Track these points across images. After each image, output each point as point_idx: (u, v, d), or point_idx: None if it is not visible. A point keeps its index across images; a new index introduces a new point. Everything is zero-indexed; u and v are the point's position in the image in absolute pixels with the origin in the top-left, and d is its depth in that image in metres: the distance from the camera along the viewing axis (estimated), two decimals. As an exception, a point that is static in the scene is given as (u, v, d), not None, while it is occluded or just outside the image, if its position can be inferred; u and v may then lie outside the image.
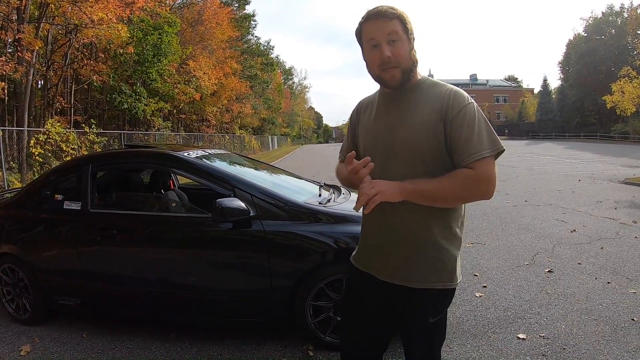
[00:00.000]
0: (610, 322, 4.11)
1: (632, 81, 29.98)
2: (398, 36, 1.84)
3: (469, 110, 1.83)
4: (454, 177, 1.79)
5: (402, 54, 1.86)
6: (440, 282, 1.95)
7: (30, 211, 4.39)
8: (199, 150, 4.54)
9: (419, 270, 1.93)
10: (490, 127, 1.85)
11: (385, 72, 1.88)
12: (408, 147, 1.87)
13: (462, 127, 1.81)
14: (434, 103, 1.87)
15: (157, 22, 23.22)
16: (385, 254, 2.00)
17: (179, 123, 33.00)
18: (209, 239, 3.79)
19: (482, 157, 1.78)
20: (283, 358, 3.61)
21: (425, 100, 1.90)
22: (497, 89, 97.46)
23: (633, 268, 5.63)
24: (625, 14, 60.49)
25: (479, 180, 1.79)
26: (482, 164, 1.78)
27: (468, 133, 1.80)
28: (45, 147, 15.16)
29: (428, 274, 1.93)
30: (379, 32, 1.85)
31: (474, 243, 7.01)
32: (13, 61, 15.11)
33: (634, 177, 15.28)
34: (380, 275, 2.02)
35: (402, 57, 1.86)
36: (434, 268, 1.94)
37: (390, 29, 1.83)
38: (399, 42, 1.85)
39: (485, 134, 1.82)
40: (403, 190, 1.78)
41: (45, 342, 3.98)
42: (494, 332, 3.98)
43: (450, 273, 1.97)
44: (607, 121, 59.31)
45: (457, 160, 1.82)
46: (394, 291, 1.99)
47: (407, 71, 1.89)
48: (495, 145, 1.82)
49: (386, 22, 1.84)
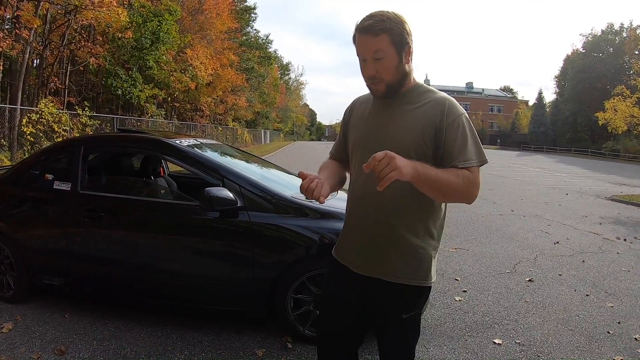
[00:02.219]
0: (586, 334, 4.19)
1: (626, 100, 30.24)
2: (384, 53, 1.86)
3: (462, 121, 1.89)
4: (458, 174, 1.83)
5: (387, 70, 1.89)
6: (415, 279, 1.99)
7: (20, 189, 4.40)
8: (191, 139, 4.57)
9: (395, 266, 1.98)
10: (478, 140, 1.93)
11: (372, 84, 1.95)
12: (396, 146, 1.88)
13: (457, 135, 1.87)
14: (428, 109, 1.92)
15: (157, 8, 23.13)
16: (364, 248, 2.04)
17: (173, 111, 32.89)
18: (196, 227, 3.82)
19: (472, 165, 1.86)
20: (262, 348, 3.64)
21: (419, 105, 1.94)
22: (492, 98, 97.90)
23: (613, 283, 5.72)
24: (624, 33, 60.96)
25: (475, 184, 1.86)
26: (474, 170, 1.86)
27: (462, 141, 1.87)
28: (37, 127, 15.06)
29: (404, 270, 1.98)
30: (365, 49, 1.88)
31: (457, 248, 7.08)
32: (10, 38, 15.01)
33: (621, 195, 15.46)
34: (357, 268, 2.06)
35: (386, 73, 1.90)
36: (410, 265, 1.98)
37: (375, 46, 1.85)
38: (385, 59, 1.87)
39: (475, 145, 1.89)
40: (415, 172, 1.74)
41: (27, 321, 3.99)
42: (471, 336, 4.04)
43: (426, 271, 2.01)
44: (598, 138, 59.71)
45: (447, 165, 1.87)
46: (370, 285, 2.04)
47: (393, 84, 1.93)
48: (482, 156, 1.91)
49: (372, 39, 1.85)
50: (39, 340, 3.65)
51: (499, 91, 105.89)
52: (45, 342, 3.62)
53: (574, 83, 64.02)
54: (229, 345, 3.69)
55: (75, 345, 3.59)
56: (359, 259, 2.06)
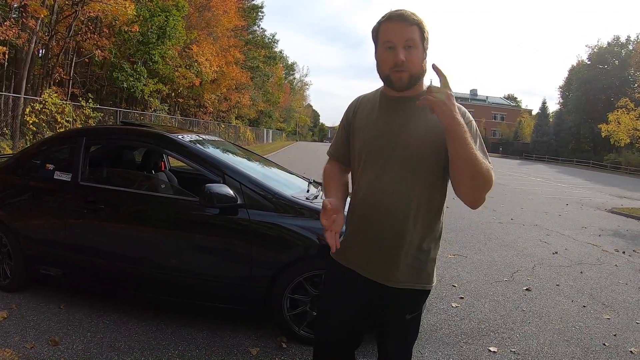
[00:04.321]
0: (582, 345, 4.18)
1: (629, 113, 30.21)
2: (414, 43, 1.87)
3: (473, 125, 1.92)
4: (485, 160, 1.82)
5: (415, 60, 1.89)
6: (420, 283, 2.02)
7: (20, 178, 4.39)
8: (193, 135, 4.56)
9: (401, 271, 1.98)
10: (484, 147, 1.93)
11: (395, 73, 1.90)
12: (410, 151, 1.91)
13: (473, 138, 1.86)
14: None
15: (165, 4, 23.13)
16: (370, 252, 2.03)
17: (176, 106, 32.92)
18: (195, 223, 3.81)
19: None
20: (256, 347, 3.63)
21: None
22: (495, 106, 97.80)
23: (610, 295, 5.70)
24: (630, 46, 60.96)
25: (492, 179, 1.83)
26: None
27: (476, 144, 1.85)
28: (40, 117, 15.10)
29: (410, 275, 1.99)
30: (397, 35, 1.88)
31: (456, 255, 7.07)
32: (17, 27, 15.01)
33: (622, 207, 15.46)
34: (364, 272, 2.05)
35: (413, 64, 1.89)
36: (416, 270, 2.00)
37: (409, 34, 1.86)
38: (414, 48, 1.88)
39: (482, 151, 1.87)
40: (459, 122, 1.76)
41: (23, 310, 3.99)
42: (466, 343, 4.03)
43: (430, 275, 2.04)
44: (601, 150, 59.70)
45: None
46: (373, 288, 2.03)
47: (415, 77, 1.93)
48: (488, 159, 1.89)
49: (407, 26, 1.87)
50: (33, 330, 3.64)
51: (503, 99, 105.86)
52: (39, 332, 3.62)
53: (578, 94, 64.13)
54: (223, 343, 3.68)
55: (69, 337, 3.58)
56: (368, 263, 2.04)
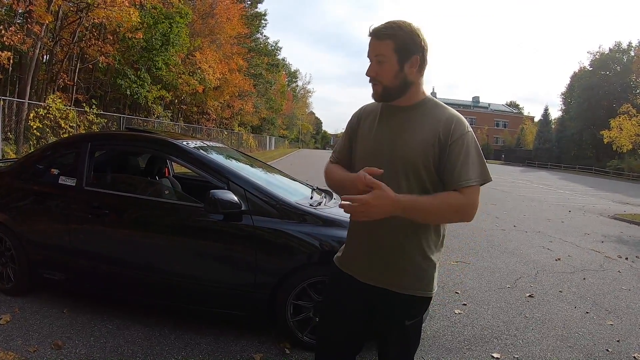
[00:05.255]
0: (585, 351, 4.18)
1: (632, 119, 30.21)
2: (384, 58, 1.93)
3: (467, 139, 1.92)
4: (447, 199, 1.87)
5: (384, 74, 1.95)
6: (421, 290, 2.03)
7: (25, 182, 4.41)
8: (198, 141, 4.58)
9: (402, 278, 2.00)
10: (483, 158, 1.96)
11: (373, 85, 2.01)
12: (405, 161, 1.95)
13: (460, 154, 1.89)
14: (435, 125, 1.94)
15: (169, 11, 23.24)
16: (370, 259, 2.05)
17: (179, 113, 32.95)
18: (199, 229, 3.83)
19: (472, 184, 1.88)
20: (260, 353, 3.64)
21: (426, 120, 1.97)
22: (498, 113, 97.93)
23: (613, 301, 5.70)
24: (632, 52, 60.98)
25: (467, 205, 1.88)
26: (471, 190, 1.88)
27: (464, 160, 1.89)
28: (44, 122, 15.13)
29: (410, 281, 2.00)
30: (370, 51, 1.97)
31: (458, 262, 7.07)
32: (22, 32, 15.10)
33: (624, 213, 15.44)
34: (364, 278, 2.07)
35: (383, 77, 1.95)
36: (417, 276, 2.01)
37: (378, 50, 1.94)
38: (385, 63, 1.94)
39: (478, 164, 1.92)
40: (396, 208, 1.81)
41: (26, 314, 3.99)
42: (469, 349, 4.03)
43: (430, 282, 2.04)
44: (603, 156, 59.59)
45: (448, 182, 1.91)
46: (374, 294, 2.05)
47: (390, 89, 1.98)
48: (484, 176, 1.93)
49: (377, 42, 1.94)
50: (36, 334, 3.65)
51: (505, 106, 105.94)
52: (42, 336, 3.62)
53: (580, 100, 64.13)
54: (227, 349, 3.68)
55: (72, 341, 3.59)
56: (368, 269, 2.07)
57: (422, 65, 1.98)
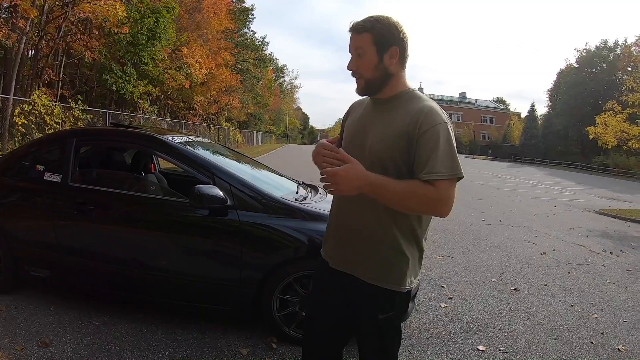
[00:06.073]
0: (569, 343, 4.23)
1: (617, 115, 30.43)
2: (363, 51, 1.97)
3: (436, 131, 1.86)
4: (415, 187, 1.84)
5: (364, 67, 1.98)
6: (388, 283, 1.99)
7: (10, 179, 4.37)
8: (184, 137, 4.58)
9: (369, 267, 2.00)
10: (454, 151, 1.88)
11: (356, 80, 2.04)
12: (374, 151, 1.95)
13: (426, 146, 1.84)
14: (404, 117, 1.93)
15: (155, 5, 23.08)
16: (341, 245, 2.09)
17: (166, 109, 32.76)
18: (185, 224, 3.83)
19: (440, 178, 1.82)
20: (246, 347, 3.65)
21: (398, 113, 1.96)
22: (484, 109, 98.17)
23: (597, 294, 5.78)
24: (618, 50, 61.46)
25: (437, 199, 1.83)
26: (442, 184, 1.82)
27: (431, 153, 1.83)
28: (29, 118, 14.97)
29: (377, 272, 1.99)
30: (350, 45, 2.01)
31: (444, 256, 7.12)
32: (7, 27, 14.92)
33: (609, 208, 15.61)
34: (333, 263, 2.10)
35: (363, 70, 1.99)
36: (384, 268, 1.99)
37: (357, 43, 1.98)
38: (364, 56, 1.97)
39: (447, 157, 1.84)
40: (364, 183, 1.82)
41: (13, 312, 3.97)
42: (455, 342, 4.07)
43: (400, 276, 2.00)
44: (589, 152, 60.02)
45: (417, 175, 1.86)
46: (347, 282, 2.07)
47: (371, 82, 2.01)
48: (455, 170, 1.84)
49: (355, 36, 1.98)
50: (23, 332, 3.63)
51: (492, 102, 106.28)
52: (29, 334, 3.60)
53: (566, 97, 64.58)
54: (213, 344, 3.69)
55: (59, 339, 3.57)
56: (335, 252, 2.11)
57: (402, 57, 1.99)
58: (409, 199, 1.85)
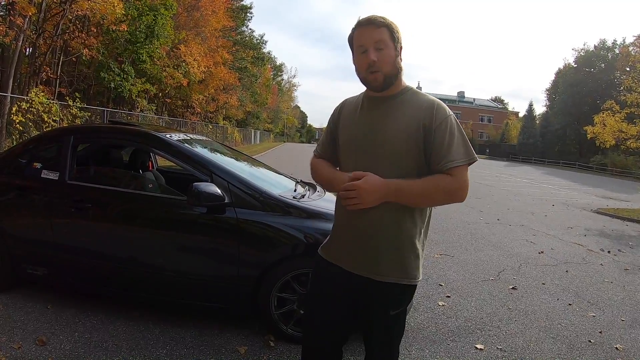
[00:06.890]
0: (567, 342, 4.23)
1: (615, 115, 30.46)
2: (384, 44, 1.97)
3: (450, 122, 1.98)
4: (436, 181, 1.93)
5: (387, 60, 1.98)
6: (407, 278, 2.05)
7: (8, 176, 4.35)
8: (181, 134, 4.56)
9: (387, 265, 2.02)
10: (467, 139, 2.01)
11: (370, 74, 2.00)
12: (387, 147, 1.99)
13: (445, 137, 1.95)
14: (416, 111, 1.99)
15: (153, 3, 23.02)
16: (356, 247, 2.08)
17: (164, 107, 32.67)
18: (182, 221, 3.82)
19: (459, 165, 1.93)
20: (244, 346, 3.64)
21: (407, 107, 2.02)
22: (482, 108, 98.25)
23: (595, 293, 5.78)
24: (616, 49, 61.48)
25: (457, 186, 1.95)
26: (459, 170, 1.94)
27: (450, 142, 1.95)
28: (26, 116, 14.92)
29: (395, 269, 2.03)
30: (368, 39, 1.99)
31: (442, 254, 7.12)
32: (4, 24, 14.87)
33: (607, 208, 15.63)
34: (348, 267, 2.09)
35: (385, 63, 1.98)
36: (402, 264, 2.03)
37: (378, 36, 1.97)
38: (385, 49, 1.98)
39: (462, 145, 1.97)
40: (387, 191, 1.92)
41: (9, 310, 3.96)
42: (453, 341, 4.06)
43: (415, 270, 2.07)
44: (587, 152, 60.11)
45: (436, 164, 1.96)
46: (359, 283, 2.07)
47: (389, 76, 2.01)
48: (470, 155, 1.98)
49: (375, 29, 1.98)
50: (20, 330, 3.62)
51: (490, 101, 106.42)
52: (26, 333, 3.59)
53: (564, 97, 64.62)
54: (211, 342, 3.68)
55: (56, 337, 3.56)
56: (352, 258, 2.09)
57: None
58: (434, 194, 1.95)
